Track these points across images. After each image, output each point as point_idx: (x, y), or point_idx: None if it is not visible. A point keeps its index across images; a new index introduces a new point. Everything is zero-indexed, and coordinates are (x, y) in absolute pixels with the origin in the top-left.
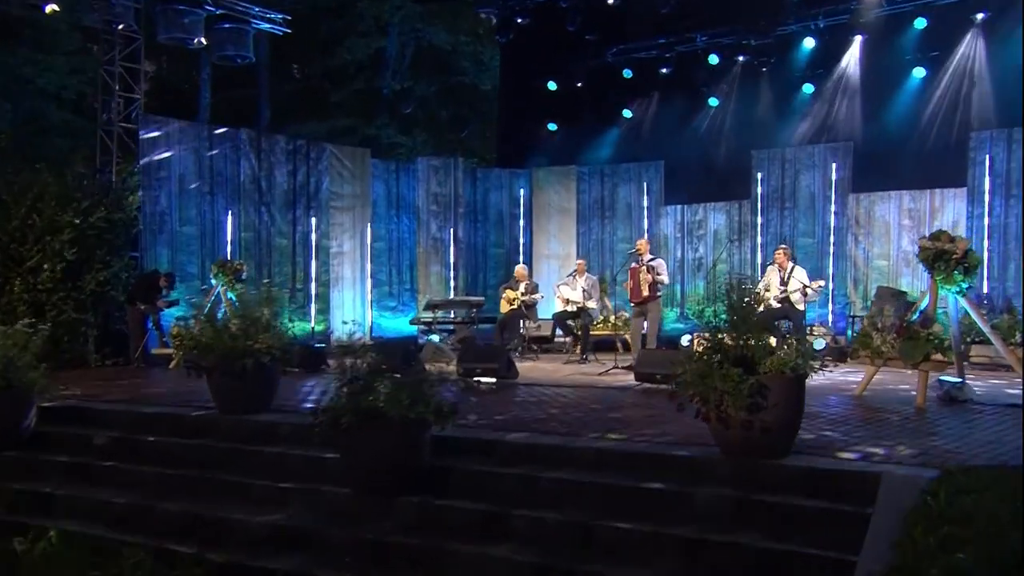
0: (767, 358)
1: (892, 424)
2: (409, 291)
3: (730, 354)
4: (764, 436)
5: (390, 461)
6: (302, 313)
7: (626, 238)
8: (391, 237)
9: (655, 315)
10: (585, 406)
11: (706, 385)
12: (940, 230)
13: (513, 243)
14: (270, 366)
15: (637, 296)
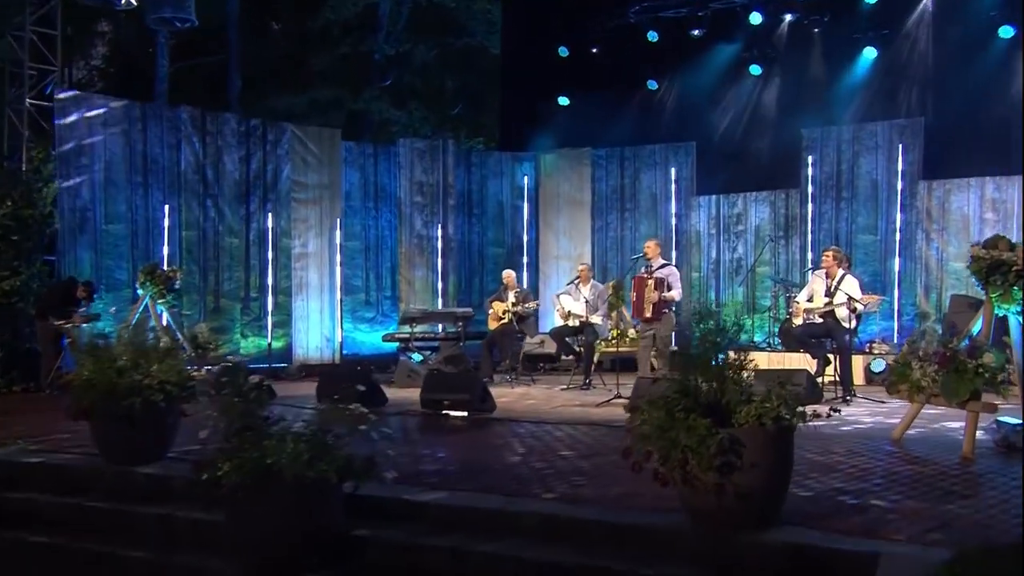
0: (744, 406)
1: (923, 481)
2: (390, 299)
3: (701, 400)
4: (740, 503)
5: (286, 532)
6: (257, 327)
7: (650, 235)
8: (367, 235)
9: (664, 334)
10: (555, 451)
11: (667, 439)
12: (998, 235)
13: (515, 241)
14: (164, 406)
15: (639, 313)
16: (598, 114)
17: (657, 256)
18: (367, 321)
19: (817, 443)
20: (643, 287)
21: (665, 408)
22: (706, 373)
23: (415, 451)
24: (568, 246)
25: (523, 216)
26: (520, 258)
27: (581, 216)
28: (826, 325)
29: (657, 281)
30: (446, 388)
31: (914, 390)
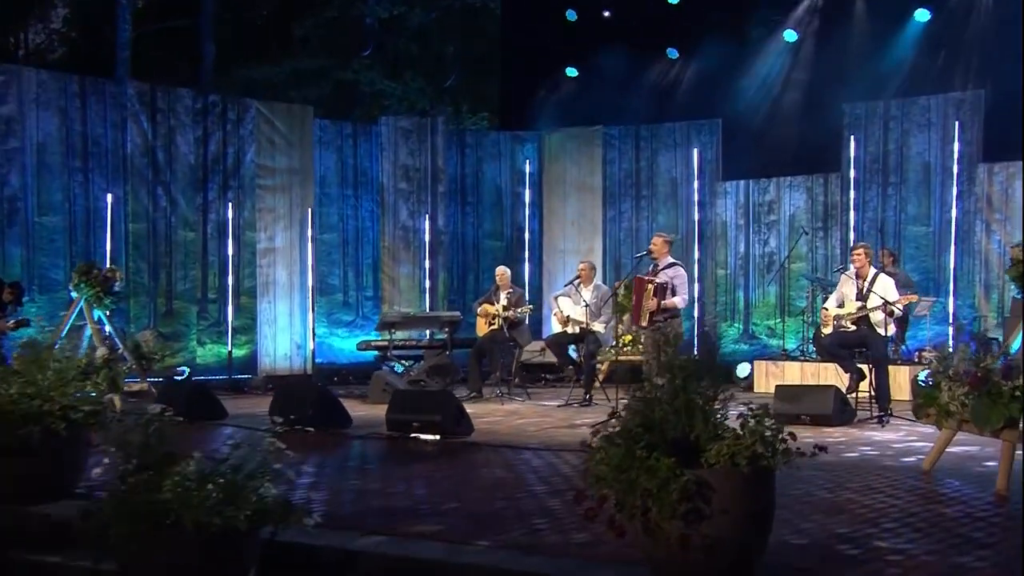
0: (714, 443)
1: (942, 524)
2: (371, 300)
3: (668, 434)
4: (709, 557)
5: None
6: (216, 334)
7: (670, 227)
8: (345, 226)
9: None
10: (525, 485)
11: (625, 482)
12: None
13: (516, 233)
14: (67, 435)
15: (636, 318)
16: (611, 87)
17: (665, 254)
18: (345, 325)
19: (831, 476)
20: (641, 291)
21: (625, 444)
22: (672, 403)
23: (366, 485)
24: (576, 239)
25: (525, 204)
26: (521, 253)
27: (591, 204)
28: (860, 333)
29: (657, 287)
30: (415, 408)
31: (942, 415)
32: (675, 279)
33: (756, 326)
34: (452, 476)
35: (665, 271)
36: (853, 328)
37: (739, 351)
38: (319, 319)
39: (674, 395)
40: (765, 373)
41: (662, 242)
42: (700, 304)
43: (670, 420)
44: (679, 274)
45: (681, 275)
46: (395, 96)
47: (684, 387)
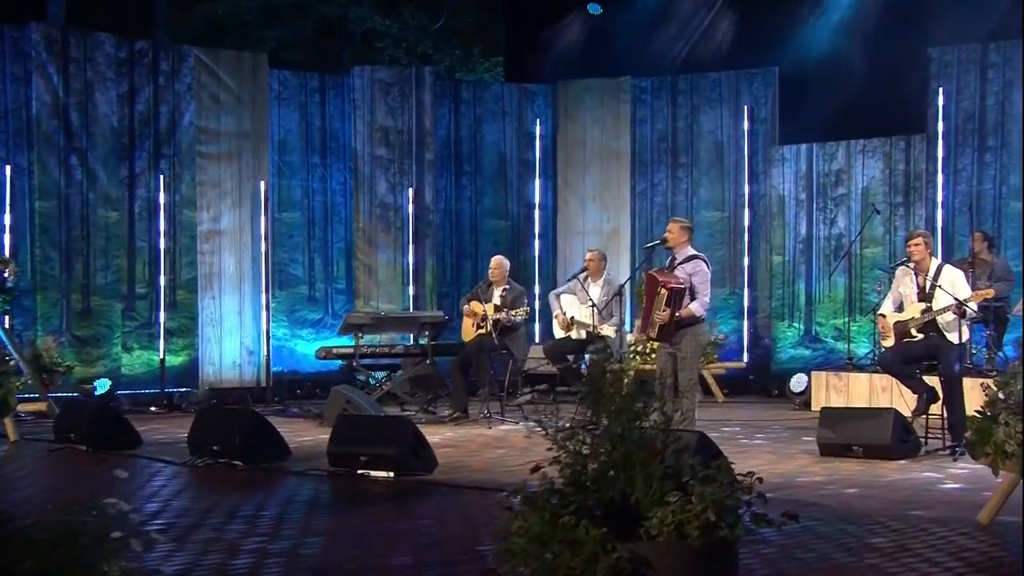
0: (658, 509)
1: None
2: (343, 294)
3: (603, 496)
4: None
5: None
6: (147, 337)
7: (714, 202)
8: (311, 203)
9: (690, 351)
10: (470, 547)
11: (541, 559)
12: None
13: (523, 210)
14: None
15: (645, 326)
16: (641, 29)
17: (684, 244)
18: (310, 325)
19: (861, 530)
20: (653, 295)
21: (549, 509)
22: (610, 456)
23: (267, 546)
24: (598, 216)
25: (535, 174)
26: (530, 235)
27: (617, 174)
28: (927, 343)
29: (672, 294)
30: (363, 438)
31: (999, 456)
32: (694, 276)
33: (820, 327)
34: (384, 531)
35: (683, 266)
36: (919, 337)
37: (799, 357)
38: (277, 318)
39: (611, 446)
40: (826, 387)
41: (679, 229)
42: (751, 299)
43: (606, 478)
44: (699, 270)
45: (702, 272)
46: (391, 36)
47: (623, 435)
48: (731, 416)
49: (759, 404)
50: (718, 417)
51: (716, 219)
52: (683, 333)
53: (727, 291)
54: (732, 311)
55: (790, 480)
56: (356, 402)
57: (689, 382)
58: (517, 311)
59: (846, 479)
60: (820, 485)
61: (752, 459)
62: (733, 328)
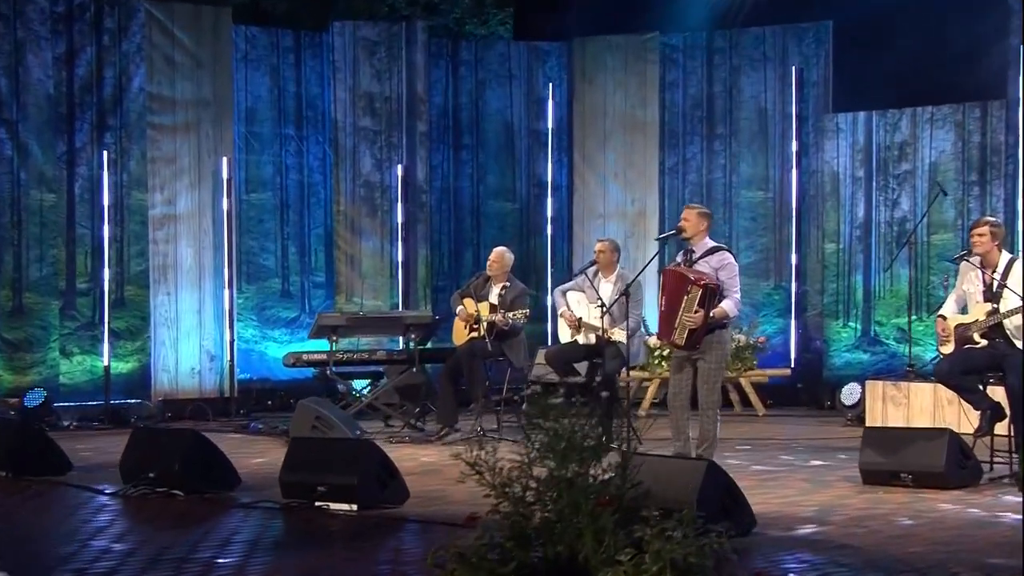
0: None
1: None
2: (323, 288)
3: (547, 553)
4: None
5: None
6: (90, 340)
7: (757, 180)
8: (284, 182)
9: (715, 360)
10: None
11: None
12: None
13: (534, 191)
14: None
15: (665, 333)
16: None
17: (702, 234)
18: (284, 325)
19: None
20: (679, 293)
21: (486, 569)
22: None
23: None
24: (621, 197)
25: (547, 148)
26: (541, 219)
27: (643, 147)
28: (992, 351)
29: (706, 291)
30: (321, 464)
31: None
32: (721, 271)
33: (881, 326)
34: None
35: (706, 260)
36: (982, 343)
37: (856, 363)
38: (244, 317)
39: (558, 493)
40: (882, 399)
41: (697, 216)
42: (799, 294)
43: (551, 531)
44: (727, 264)
45: (730, 265)
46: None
47: (571, 481)
48: (770, 433)
49: (806, 418)
50: (754, 435)
51: (758, 200)
52: (708, 340)
53: (771, 285)
54: (777, 308)
55: (822, 513)
56: (327, 418)
57: (710, 398)
58: (515, 313)
59: (888, 513)
60: (855, 521)
61: (782, 487)
62: (778, 328)
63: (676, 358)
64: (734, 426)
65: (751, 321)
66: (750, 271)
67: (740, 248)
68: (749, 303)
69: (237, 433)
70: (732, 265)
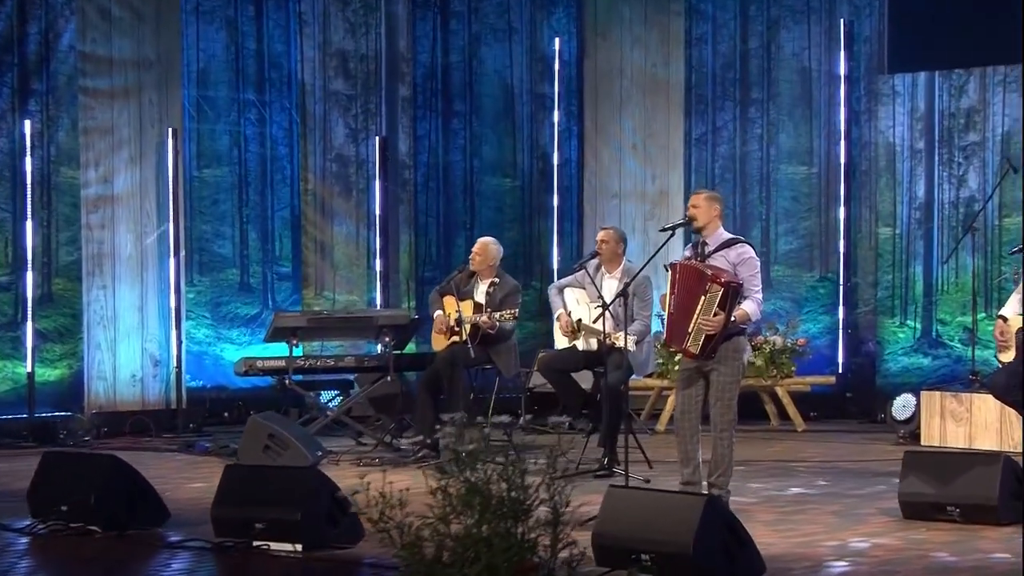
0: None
1: None
2: (289, 281)
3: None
4: None
5: None
6: (10, 343)
7: (799, 153)
8: (243, 155)
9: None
10: None
11: None
12: None
13: (538, 164)
14: None
15: (676, 339)
16: None
17: (715, 221)
18: (244, 323)
19: None
20: (695, 293)
21: None
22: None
23: None
24: (640, 172)
25: (553, 115)
26: (547, 198)
27: (666, 114)
28: None
29: (730, 289)
30: (260, 497)
31: None
32: (740, 267)
33: (944, 325)
34: None
35: (723, 253)
36: None
37: (914, 369)
38: (197, 315)
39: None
40: (940, 413)
41: (707, 202)
42: (848, 287)
43: None
44: (746, 258)
45: (751, 260)
46: None
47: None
48: (807, 453)
49: (853, 435)
50: (787, 455)
51: (801, 177)
52: (724, 348)
53: (815, 276)
54: (822, 304)
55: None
56: (282, 438)
57: (725, 417)
58: (503, 313)
59: (924, 555)
60: (888, 563)
61: (809, 522)
62: (823, 328)
63: (685, 370)
64: (765, 445)
65: (790, 320)
66: (790, 260)
67: (779, 233)
68: (789, 298)
69: (181, 453)
70: (753, 260)
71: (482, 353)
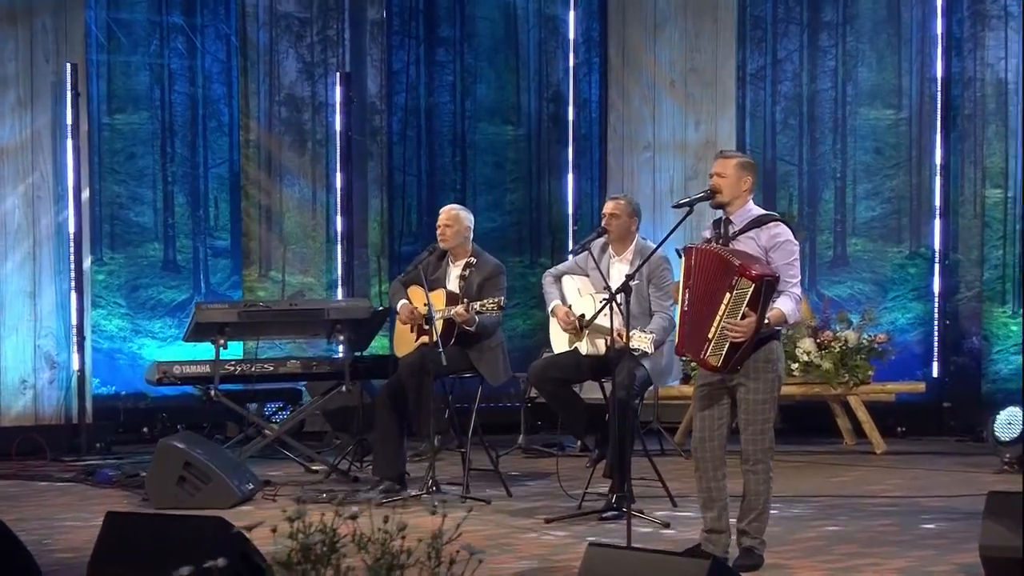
0: None
1: None
2: (227, 257)
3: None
4: None
5: None
6: None
7: (884, 91)
8: (166, 97)
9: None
10: None
11: None
12: None
13: (548, 108)
14: None
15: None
16: None
17: (744, 196)
18: (168, 312)
19: None
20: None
21: None
22: None
23: None
24: (680, 118)
25: (569, 45)
26: (559, 151)
27: (712, 42)
28: None
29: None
30: (146, 554)
31: None
32: (774, 253)
33: None
34: None
35: (750, 236)
36: None
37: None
38: (108, 302)
39: None
40: None
41: (736, 170)
42: (946, 266)
43: None
44: (781, 242)
45: (787, 244)
46: None
47: None
48: (881, 484)
49: (948, 458)
50: (853, 488)
51: (886, 123)
52: (754, 358)
53: (903, 252)
54: (911, 287)
55: None
56: (202, 467)
57: (759, 446)
58: (486, 303)
59: None
60: None
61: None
62: (912, 319)
63: (704, 386)
64: (830, 472)
65: (867, 309)
66: (872, 231)
67: (857, 196)
68: (870, 279)
69: (79, 482)
70: (791, 245)
71: (459, 357)
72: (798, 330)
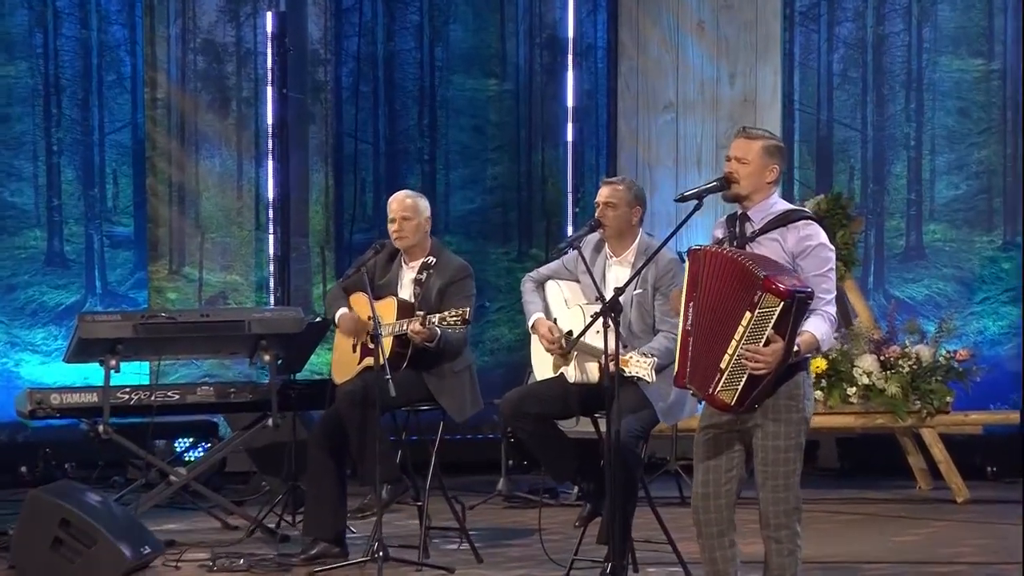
0: None
1: None
2: (130, 248)
3: None
4: None
5: None
6: None
7: (968, 38)
8: (50, 43)
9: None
10: None
11: None
12: None
13: (543, 56)
14: None
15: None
16: None
17: (767, 187)
18: (54, 320)
19: None
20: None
21: None
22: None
23: None
24: (710, 70)
25: None
26: (555, 111)
27: None
28: None
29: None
30: None
31: None
32: (804, 258)
33: None
34: None
35: (773, 237)
36: None
37: None
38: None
39: None
40: None
41: (761, 155)
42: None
43: None
44: (813, 246)
45: (820, 249)
46: None
47: None
48: (962, 544)
49: None
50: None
51: (973, 77)
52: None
53: (994, 243)
54: (1004, 288)
55: None
56: (85, 525)
57: (783, 505)
58: (448, 315)
59: None
60: None
61: None
62: (1005, 328)
63: (709, 428)
64: (896, 527)
65: (944, 316)
66: (955, 215)
67: (937, 170)
68: (952, 277)
69: None
70: (825, 251)
71: (414, 384)
72: (856, 344)
